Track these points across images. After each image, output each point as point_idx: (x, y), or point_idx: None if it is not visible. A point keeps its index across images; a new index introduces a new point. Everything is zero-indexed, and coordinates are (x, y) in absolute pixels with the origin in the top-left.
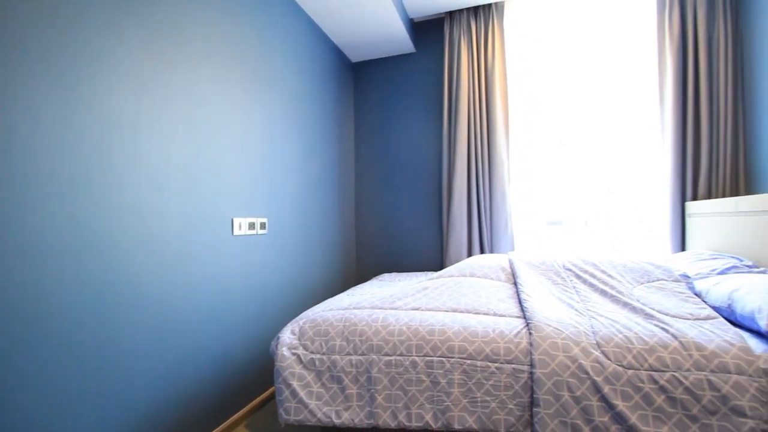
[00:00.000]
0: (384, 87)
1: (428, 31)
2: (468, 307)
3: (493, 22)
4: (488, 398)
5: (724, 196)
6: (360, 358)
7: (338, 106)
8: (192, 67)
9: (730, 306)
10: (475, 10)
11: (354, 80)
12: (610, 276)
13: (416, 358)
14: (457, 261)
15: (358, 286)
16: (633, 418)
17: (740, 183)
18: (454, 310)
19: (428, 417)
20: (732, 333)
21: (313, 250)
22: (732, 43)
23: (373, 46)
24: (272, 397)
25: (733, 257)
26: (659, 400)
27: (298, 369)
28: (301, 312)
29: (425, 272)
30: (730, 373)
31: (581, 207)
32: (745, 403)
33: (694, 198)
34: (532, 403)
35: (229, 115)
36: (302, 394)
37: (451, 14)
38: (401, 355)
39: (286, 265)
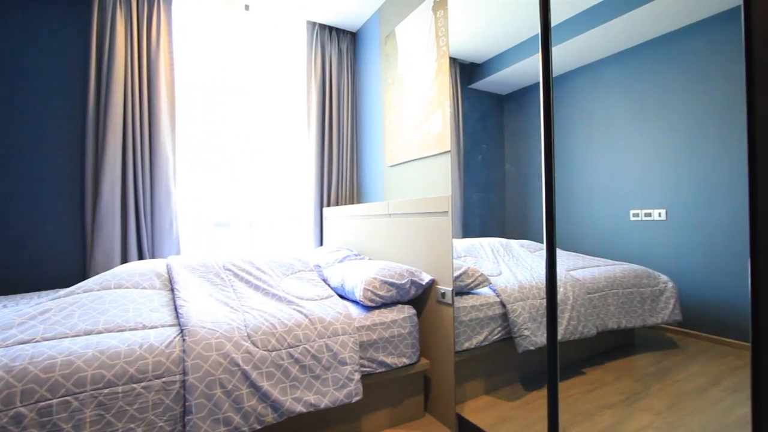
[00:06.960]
0: None
1: None
2: (110, 326)
3: (159, 6)
4: (132, 425)
5: (345, 204)
6: None
7: None
8: None
9: (342, 286)
10: None
11: None
12: (263, 272)
13: (22, 410)
14: (108, 270)
15: None
16: (275, 393)
17: (354, 194)
18: (89, 333)
19: None
20: (341, 305)
21: None
22: (352, 92)
23: None
24: None
25: (348, 249)
26: (294, 370)
27: None
28: None
29: (56, 290)
30: (339, 335)
31: (246, 209)
32: (347, 354)
33: (329, 204)
34: (185, 412)
35: None
36: None
37: None
38: None
39: None
